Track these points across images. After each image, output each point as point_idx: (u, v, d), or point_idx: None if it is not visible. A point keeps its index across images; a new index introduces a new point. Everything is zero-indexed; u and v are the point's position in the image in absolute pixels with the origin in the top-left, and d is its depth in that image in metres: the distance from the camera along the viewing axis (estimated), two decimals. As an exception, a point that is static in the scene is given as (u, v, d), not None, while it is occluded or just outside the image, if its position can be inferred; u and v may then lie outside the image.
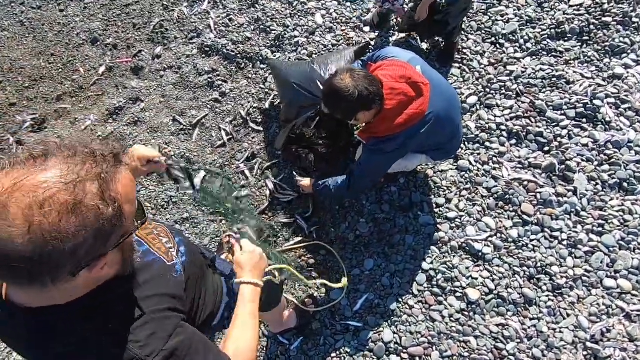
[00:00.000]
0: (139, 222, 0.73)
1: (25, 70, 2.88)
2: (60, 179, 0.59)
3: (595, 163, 2.24)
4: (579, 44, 2.55)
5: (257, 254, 1.16)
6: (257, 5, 2.91)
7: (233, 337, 0.96)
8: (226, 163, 2.48)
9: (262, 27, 2.83)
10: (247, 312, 1.02)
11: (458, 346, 1.97)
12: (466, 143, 2.39)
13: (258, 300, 1.07)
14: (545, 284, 2.04)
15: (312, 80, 2.09)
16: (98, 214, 0.61)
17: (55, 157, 0.61)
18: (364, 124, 1.78)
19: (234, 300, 1.20)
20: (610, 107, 2.34)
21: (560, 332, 1.95)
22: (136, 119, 2.64)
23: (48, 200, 0.57)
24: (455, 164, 2.35)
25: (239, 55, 2.77)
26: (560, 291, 2.02)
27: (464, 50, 2.63)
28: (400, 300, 2.07)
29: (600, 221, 2.12)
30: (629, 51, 2.47)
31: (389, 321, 2.04)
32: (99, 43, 2.95)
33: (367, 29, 2.77)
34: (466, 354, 1.94)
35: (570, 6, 2.65)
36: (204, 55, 2.82)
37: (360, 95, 1.52)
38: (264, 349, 2.05)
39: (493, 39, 2.65)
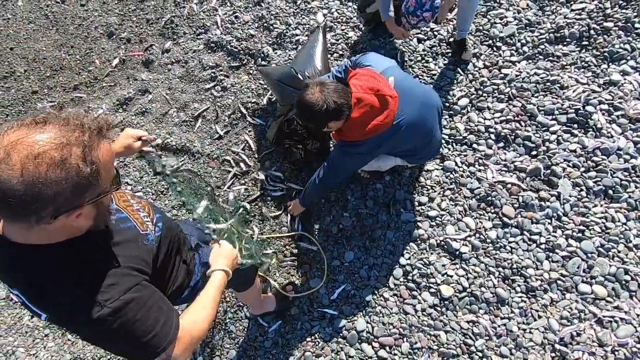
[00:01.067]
0: (114, 187, 0.90)
1: (47, 61, 3.12)
2: (53, 140, 0.75)
3: (582, 169, 2.25)
4: (578, 48, 2.53)
5: (234, 253, 1.31)
6: (262, 4, 3.02)
7: (192, 311, 1.08)
8: (223, 154, 2.63)
9: (265, 24, 2.95)
10: (211, 297, 1.13)
11: (428, 339, 2.04)
12: (454, 144, 2.44)
13: (222, 290, 1.19)
14: (519, 285, 2.08)
15: (293, 77, 2.23)
16: (78, 171, 0.76)
17: (52, 123, 0.77)
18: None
19: (203, 281, 1.34)
20: (603, 114, 2.33)
21: (530, 332, 2.00)
22: (144, 109, 2.82)
23: (41, 155, 0.73)
24: (441, 164, 2.41)
25: (241, 52, 2.90)
26: (534, 293, 2.06)
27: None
28: (376, 292, 2.17)
29: (581, 227, 2.13)
30: (628, 57, 2.44)
31: (364, 311, 2.13)
32: (114, 36, 3.14)
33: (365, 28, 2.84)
34: (435, 347, 2.02)
35: (572, 10, 2.62)
36: (209, 51, 2.96)
37: (328, 108, 1.63)
38: (245, 329, 2.19)
39: (490, 41, 2.66)
